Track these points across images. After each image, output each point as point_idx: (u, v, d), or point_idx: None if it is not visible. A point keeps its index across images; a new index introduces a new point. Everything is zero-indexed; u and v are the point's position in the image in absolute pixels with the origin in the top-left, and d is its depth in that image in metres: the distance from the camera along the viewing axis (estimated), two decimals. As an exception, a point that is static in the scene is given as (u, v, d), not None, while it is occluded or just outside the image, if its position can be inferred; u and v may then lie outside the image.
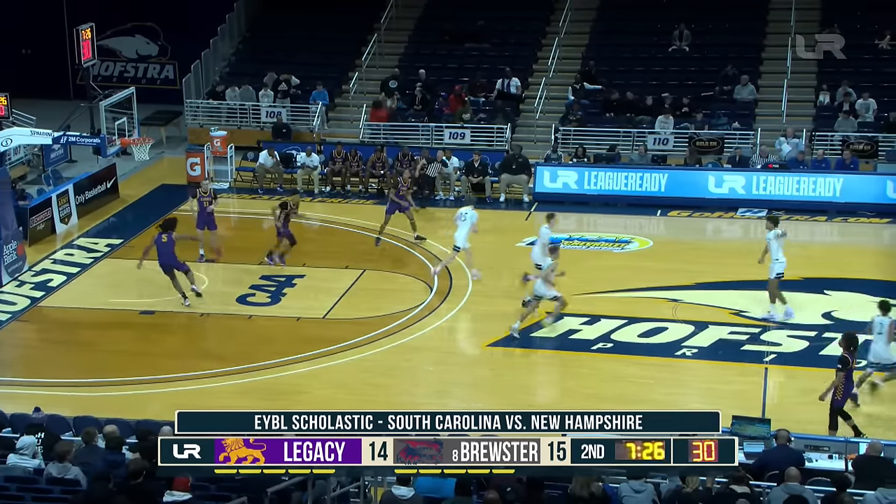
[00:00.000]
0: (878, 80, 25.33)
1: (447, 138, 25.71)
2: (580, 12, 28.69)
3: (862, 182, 22.30)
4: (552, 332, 16.23)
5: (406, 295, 17.90)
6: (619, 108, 25.85)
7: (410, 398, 14.45)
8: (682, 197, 22.67)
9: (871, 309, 16.44)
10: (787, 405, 13.57)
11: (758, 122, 25.03)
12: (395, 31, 29.30)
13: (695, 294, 17.63)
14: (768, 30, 27.43)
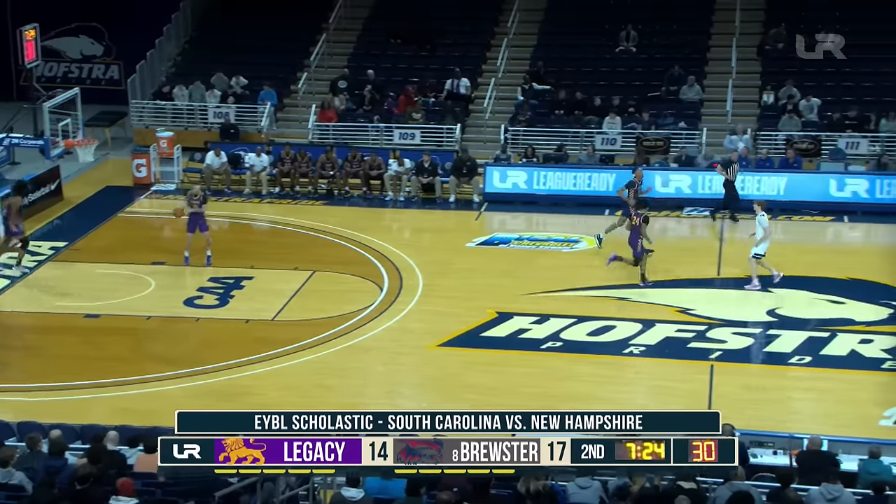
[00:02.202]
0: (821, 79, 25.76)
1: (397, 139, 25.69)
2: (528, 13, 28.83)
3: (805, 181, 22.66)
4: (503, 332, 16.29)
5: (356, 296, 17.85)
6: (568, 109, 26.03)
7: (361, 399, 14.41)
8: (627, 196, 22.85)
9: (815, 306, 16.80)
10: (733, 401, 13.74)
11: (703, 122, 25.34)
12: (343, 31, 29.22)
13: (642, 292, 17.80)
14: (713, 30, 27.78)
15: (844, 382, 14.46)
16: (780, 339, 15.68)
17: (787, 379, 14.72)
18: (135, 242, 20.70)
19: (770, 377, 14.68)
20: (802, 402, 14.13)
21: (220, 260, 19.14)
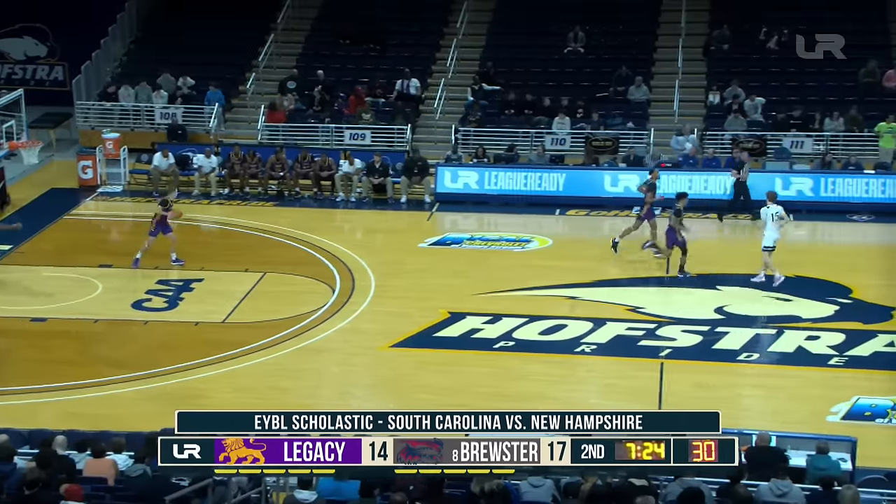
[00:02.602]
0: (766, 79, 26.15)
1: (347, 139, 25.62)
2: (477, 13, 28.92)
3: (751, 180, 22.94)
4: (456, 332, 16.31)
5: (308, 297, 17.77)
6: (518, 109, 26.15)
7: (315, 400, 14.36)
8: (579, 196, 23.04)
9: (763, 303, 17.05)
10: (682, 398, 13.90)
11: (651, 122, 25.61)
12: (292, 31, 29.07)
13: (593, 291, 17.94)
14: (660, 31, 28.08)
15: (792, 379, 14.69)
16: (729, 336, 15.89)
17: (735, 376, 14.92)
18: (81, 245, 20.41)
19: (719, 374, 14.87)
20: (751, 399, 14.32)
21: (169, 262, 18.94)
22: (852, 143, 24.00)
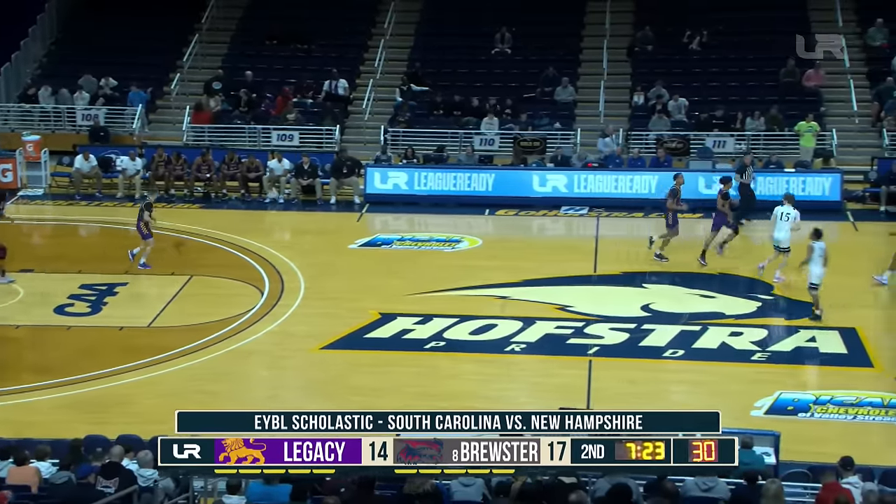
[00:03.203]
0: (689, 80, 26.61)
1: (275, 140, 25.43)
2: (404, 14, 28.94)
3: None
4: (386, 333, 16.29)
5: (236, 300, 17.59)
6: (446, 110, 26.22)
7: (244, 405, 14.20)
8: (508, 196, 23.21)
9: (687, 300, 17.35)
10: (611, 395, 14.06)
11: (577, 123, 25.88)
12: (217, 31, 28.77)
13: (522, 290, 18.06)
14: (585, 32, 28.39)
15: (716, 375, 14.95)
16: (655, 333, 16.11)
17: (661, 372, 15.13)
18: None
19: (645, 371, 15.07)
20: (677, 395, 14.53)
21: (92, 266, 18.61)
22: (773, 142, 24.55)
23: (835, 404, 13.54)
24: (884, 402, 13.55)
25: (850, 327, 16.02)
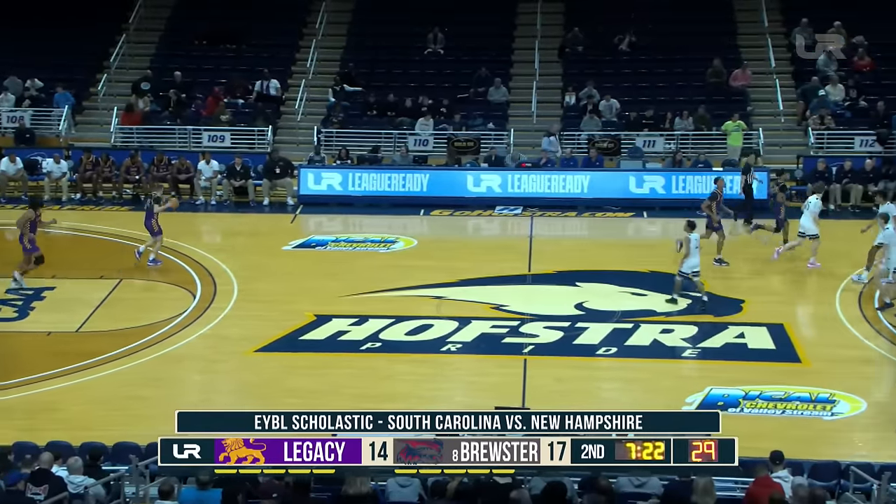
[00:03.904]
0: (619, 80, 26.92)
1: (206, 141, 25.15)
2: (336, 14, 28.82)
3: (607, 178, 23.66)
4: (322, 335, 16.21)
5: (167, 303, 17.36)
6: (380, 110, 26.18)
7: (175, 408, 13.97)
8: (443, 196, 23.27)
9: (619, 298, 17.54)
10: (545, 393, 14.17)
11: (511, 123, 26.04)
12: (145, 31, 28.36)
13: (458, 290, 18.11)
14: (517, 33, 28.56)
15: (648, 372, 15.15)
16: (588, 331, 16.27)
17: (595, 370, 15.28)
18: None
19: (579, 369, 15.22)
20: (610, 392, 14.70)
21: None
22: (701, 141, 24.96)
23: (764, 399, 13.81)
24: (812, 396, 13.85)
25: (778, 323, 16.35)
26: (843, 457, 11.82)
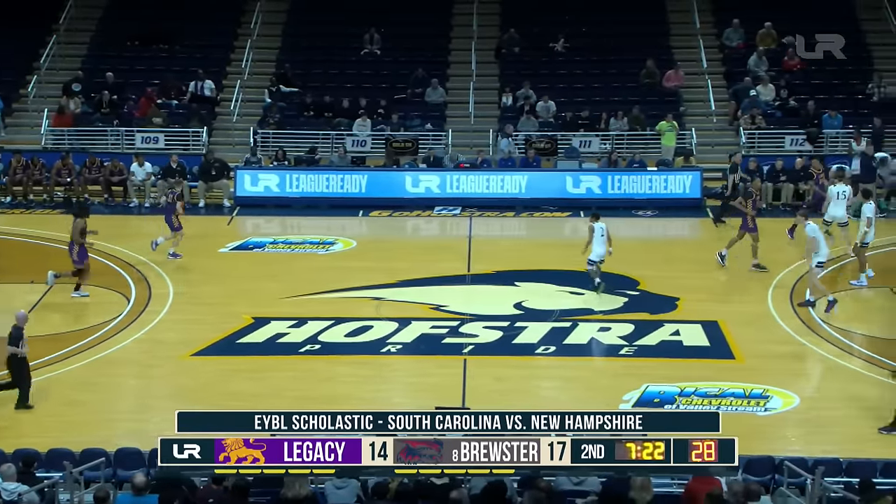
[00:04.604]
0: (555, 81, 27.12)
1: (139, 143, 24.81)
2: (271, 14, 28.61)
3: (544, 179, 23.84)
4: (260, 338, 16.08)
5: (101, 307, 17.09)
6: (317, 111, 26.05)
7: (113, 414, 13.83)
8: (381, 197, 23.24)
9: (558, 297, 17.68)
10: (485, 393, 14.22)
11: (448, 124, 26.09)
12: (76, 31, 27.87)
13: (397, 291, 18.10)
14: (453, 34, 28.62)
15: (586, 370, 15.30)
16: (527, 330, 16.37)
17: (534, 369, 15.38)
18: None
19: (518, 368, 15.31)
20: (548, 391, 14.81)
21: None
22: (636, 141, 25.27)
23: (699, 396, 14.01)
24: (745, 392, 14.10)
25: (713, 320, 16.62)
26: (777, 452, 12.03)
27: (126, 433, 13.09)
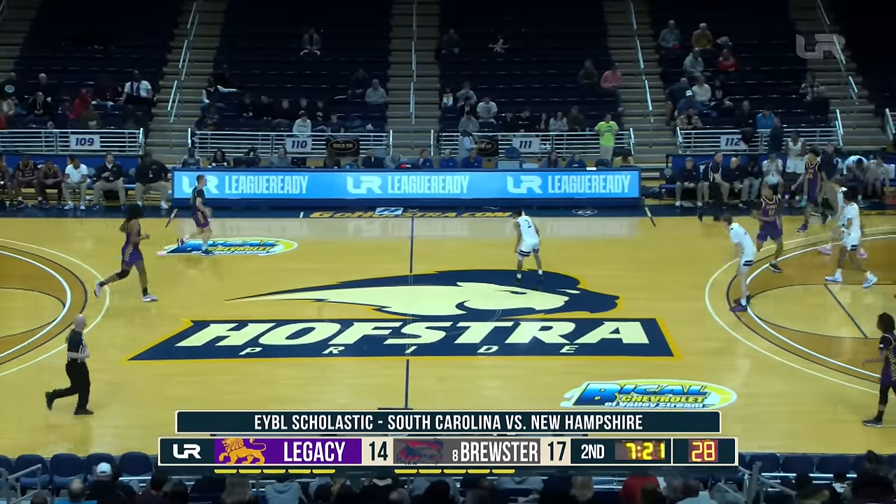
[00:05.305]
0: (495, 82, 27.22)
1: (74, 145, 24.40)
2: (208, 14, 28.33)
3: (486, 179, 23.91)
4: (199, 341, 15.91)
5: (35, 312, 16.81)
6: (256, 112, 25.84)
7: (44, 420, 13.57)
8: (322, 198, 23.13)
9: (499, 297, 17.75)
10: (427, 393, 14.24)
11: (389, 124, 26.06)
12: (8, 32, 27.36)
13: (339, 293, 18.03)
14: (392, 35, 28.58)
15: (528, 369, 15.39)
16: (470, 330, 16.42)
17: (476, 368, 15.44)
18: None
19: (461, 368, 15.35)
20: (491, 390, 14.86)
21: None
22: (575, 141, 25.47)
23: (638, 393, 14.17)
24: (684, 389, 14.29)
25: (651, 318, 16.81)
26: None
27: (62, 439, 12.88)
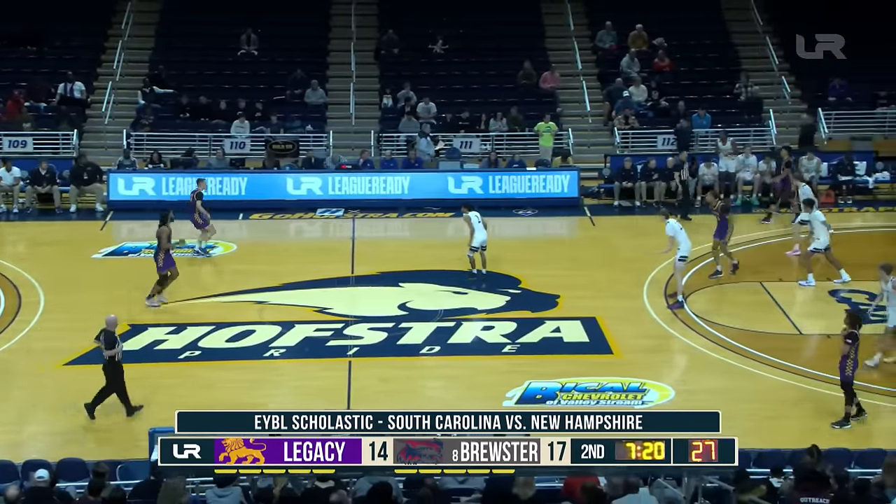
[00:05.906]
0: (435, 83, 27.26)
1: (7, 147, 23.93)
2: (142, 14, 27.97)
3: (426, 179, 23.94)
4: (137, 345, 15.70)
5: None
6: (193, 113, 25.56)
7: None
8: (262, 200, 22.96)
9: (441, 297, 17.80)
10: (370, 394, 14.22)
11: (329, 125, 25.95)
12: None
13: (280, 295, 17.92)
14: (331, 35, 28.48)
15: (470, 368, 15.43)
16: (412, 331, 16.43)
17: (419, 369, 15.45)
18: None
19: (403, 368, 15.35)
20: (434, 390, 14.89)
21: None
22: (515, 141, 25.62)
23: (579, 391, 14.30)
24: (623, 386, 14.45)
25: (591, 317, 16.97)
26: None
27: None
